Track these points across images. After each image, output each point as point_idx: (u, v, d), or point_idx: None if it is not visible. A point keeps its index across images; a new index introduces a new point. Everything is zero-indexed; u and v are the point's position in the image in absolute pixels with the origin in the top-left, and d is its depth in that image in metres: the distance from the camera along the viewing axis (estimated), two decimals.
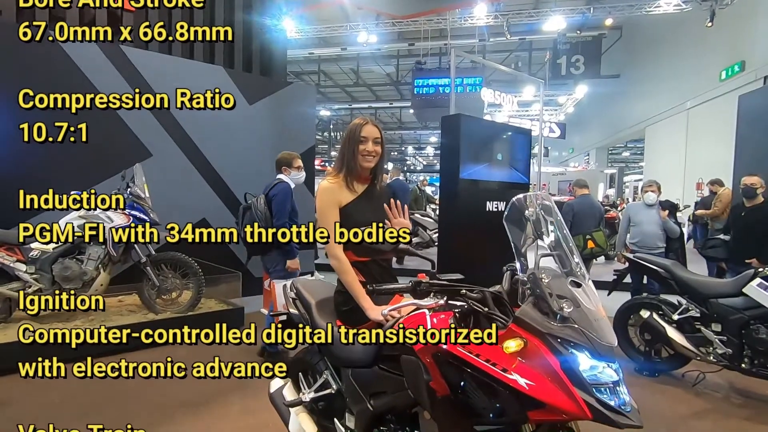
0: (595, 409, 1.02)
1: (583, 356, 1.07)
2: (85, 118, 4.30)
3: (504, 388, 1.09)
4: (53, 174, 4.07)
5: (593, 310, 1.13)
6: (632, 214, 4.56)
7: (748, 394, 3.14)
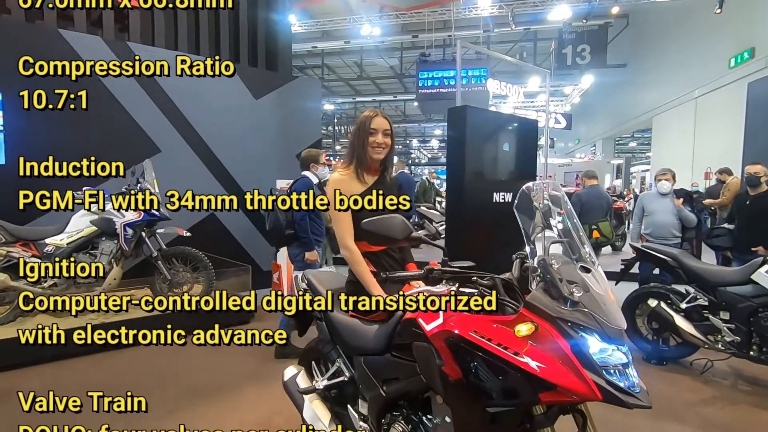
0: (606, 390, 1.05)
1: (593, 339, 1.10)
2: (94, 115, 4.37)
3: (515, 371, 1.12)
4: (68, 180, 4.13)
5: (603, 294, 1.15)
6: (645, 204, 4.46)
7: (756, 382, 3.15)
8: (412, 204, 7.67)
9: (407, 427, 1.55)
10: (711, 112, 12.72)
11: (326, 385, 1.97)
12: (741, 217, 4.15)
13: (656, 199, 4.40)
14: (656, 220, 4.32)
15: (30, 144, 4.07)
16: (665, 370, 3.33)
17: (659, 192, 4.37)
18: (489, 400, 1.16)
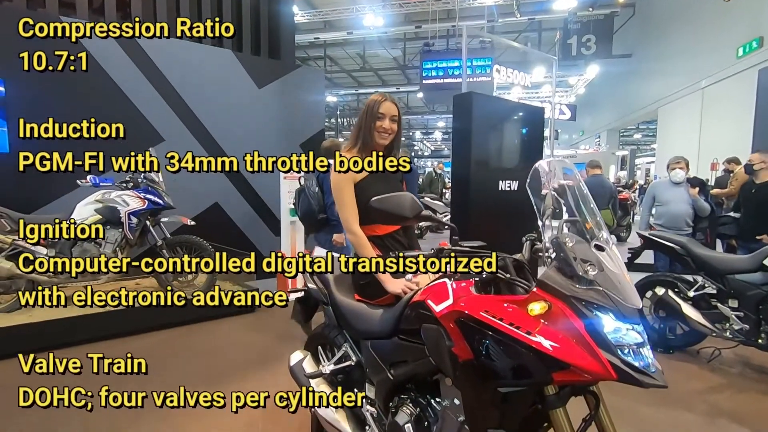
0: (620, 369, 1.03)
1: (607, 318, 1.08)
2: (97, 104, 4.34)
3: (528, 350, 1.10)
4: None
5: (617, 273, 1.13)
6: (657, 193, 4.34)
7: (764, 370, 3.14)
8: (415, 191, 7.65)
9: (415, 410, 1.53)
10: (718, 102, 12.56)
11: (333, 370, 1.95)
12: (746, 206, 4.12)
13: (669, 189, 4.27)
14: (670, 210, 4.20)
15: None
16: (672, 359, 3.32)
17: (672, 181, 4.25)
18: (500, 380, 1.15)
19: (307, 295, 2.25)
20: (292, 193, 4.98)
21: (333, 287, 2.00)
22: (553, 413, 1.14)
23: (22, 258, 3.53)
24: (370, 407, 1.78)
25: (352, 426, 1.87)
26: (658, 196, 4.34)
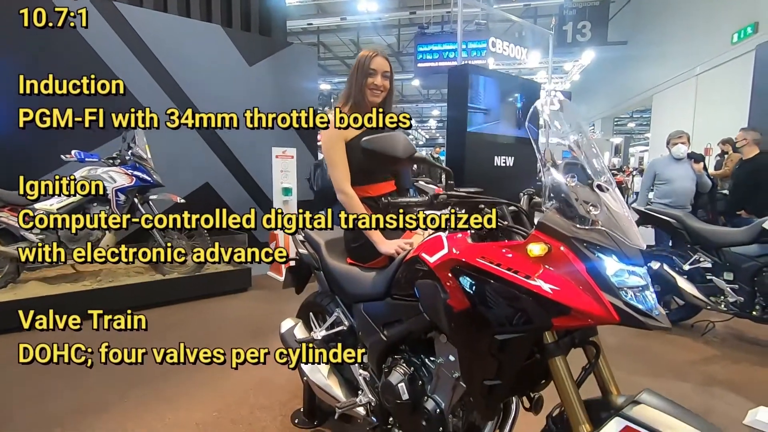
0: (623, 311, 0.98)
1: (610, 260, 1.03)
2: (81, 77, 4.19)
3: (527, 295, 1.05)
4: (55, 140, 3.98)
5: (620, 213, 1.08)
6: (659, 171, 4.11)
7: (758, 342, 3.14)
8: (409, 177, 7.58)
9: (409, 369, 1.49)
10: (712, 89, 12.55)
11: (324, 336, 1.91)
12: (732, 182, 4.18)
13: (671, 165, 4.07)
14: (677, 188, 4.01)
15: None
16: (666, 333, 3.31)
17: (674, 157, 4.05)
18: (498, 328, 1.10)
19: (298, 264, 2.20)
20: (285, 173, 4.92)
21: (324, 252, 1.95)
22: (552, 362, 1.09)
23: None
24: (363, 371, 1.74)
25: (344, 392, 1.83)
26: (660, 174, 4.13)
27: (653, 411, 1.00)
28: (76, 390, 2.38)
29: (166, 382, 2.49)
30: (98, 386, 2.43)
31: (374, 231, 1.76)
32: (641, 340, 3.16)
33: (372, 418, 1.67)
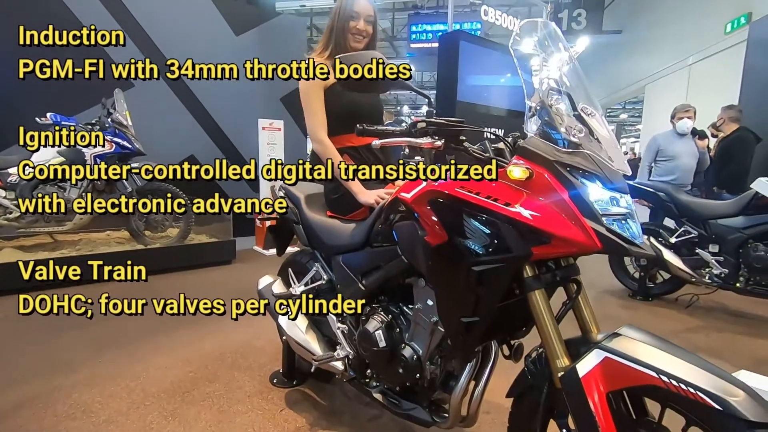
0: (605, 237, 0.94)
1: (594, 186, 0.98)
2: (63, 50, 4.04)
3: (506, 222, 1.00)
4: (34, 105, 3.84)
5: (606, 137, 1.03)
6: (663, 146, 3.88)
7: (741, 314, 3.16)
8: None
9: (387, 317, 1.45)
10: (704, 79, 12.56)
11: (303, 290, 1.86)
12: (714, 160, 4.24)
13: (676, 141, 3.86)
14: (682, 165, 3.82)
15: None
16: (651, 305, 3.32)
17: (678, 132, 3.86)
18: (475, 259, 1.05)
19: (279, 223, 2.13)
20: (272, 146, 4.82)
21: (304, 205, 1.88)
22: (531, 295, 1.05)
23: None
24: (341, 324, 1.69)
25: (322, 347, 1.78)
26: (664, 150, 3.91)
27: (633, 342, 0.97)
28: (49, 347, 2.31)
29: (141, 342, 2.43)
30: (75, 344, 2.36)
31: (354, 181, 1.70)
32: (626, 312, 3.16)
33: (350, 372, 1.63)
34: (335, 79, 1.70)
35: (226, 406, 1.87)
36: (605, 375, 0.95)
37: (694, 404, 0.85)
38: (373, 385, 1.56)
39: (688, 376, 0.87)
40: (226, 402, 1.90)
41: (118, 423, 1.73)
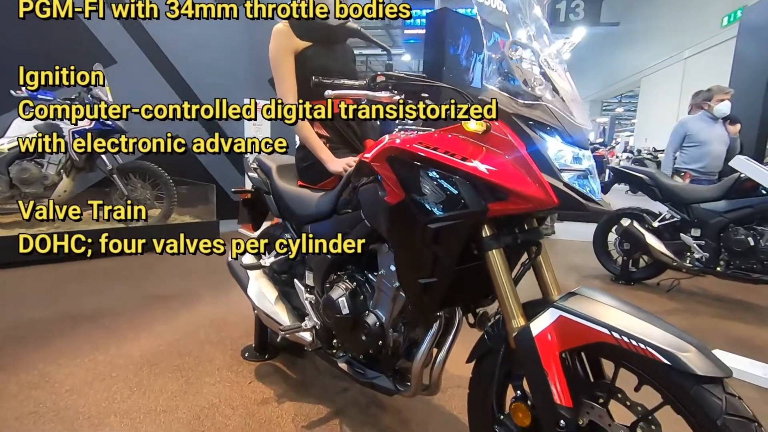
0: (562, 192, 0.91)
1: (553, 140, 0.95)
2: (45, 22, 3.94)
3: (463, 177, 0.97)
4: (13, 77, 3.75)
5: (568, 90, 1.00)
6: (693, 132, 3.58)
7: (720, 298, 3.16)
8: None
9: (351, 285, 1.42)
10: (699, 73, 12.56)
11: (273, 262, 1.83)
12: None
13: (708, 126, 3.59)
14: (712, 151, 3.55)
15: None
16: (632, 289, 3.32)
17: (716, 115, 3.55)
18: (432, 216, 1.02)
19: (254, 196, 2.09)
20: (257, 126, 4.74)
21: (275, 175, 1.85)
22: (488, 255, 1.02)
23: None
24: (309, 295, 1.66)
25: (291, 318, 1.76)
26: (694, 135, 3.59)
27: (588, 300, 0.95)
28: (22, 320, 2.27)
29: (116, 317, 2.40)
30: (49, 319, 2.32)
31: (322, 148, 1.67)
32: None
33: (318, 342, 1.61)
34: (304, 43, 1.67)
35: (194, 378, 1.84)
36: (559, 334, 0.93)
37: (645, 360, 0.83)
38: (340, 355, 1.54)
39: (640, 332, 0.85)
40: (194, 374, 1.87)
41: (81, 393, 1.69)
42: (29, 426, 1.48)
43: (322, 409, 1.68)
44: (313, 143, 1.67)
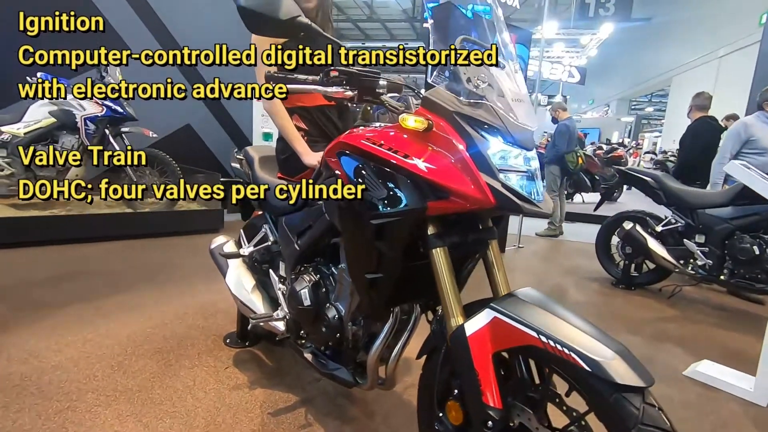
0: (499, 193, 0.90)
1: (495, 140, 0.94)
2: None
3: (403, 174, 0.97)
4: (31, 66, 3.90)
5: (514, 90, 0.98)
6: (756, 135, 3.18)
7: (723, 308, 3.05)
8: None
9: (315, 277, 1.44)
10: (734, 71, 12.01)
11: (252, 251, 1.87)
12: None
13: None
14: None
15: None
16: (632, 294, 3.23)
17: None
18: (374, 212, 1.02)
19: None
20: (266, 117, 4.79)
21: (257, 166, 1.88)
22: (432, 253, 1.02)
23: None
24: (282, 285, 1.69)
25: (266, 307, 1.79)
26: (757, 140, 3.18)
27: (524, 303, 0.93)
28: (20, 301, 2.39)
29: (110, 299, 2.49)
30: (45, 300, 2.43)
31: (299, 140, 1.68)
32: (601, 298, 3.09)
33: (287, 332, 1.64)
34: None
35: (174, 361, 1.90)
36: (492, 335, 0.92)
37: (569, 365, 0.82)
38: (307, 346, 1.56)
39: (566, 337, 0.83)
40: (174, 357, 1.93)
41: (65, 369, 1.78)
42: (11, 398, 1.56)
43: (292, 397, 1.71)
44: (289, 134, 1.68)
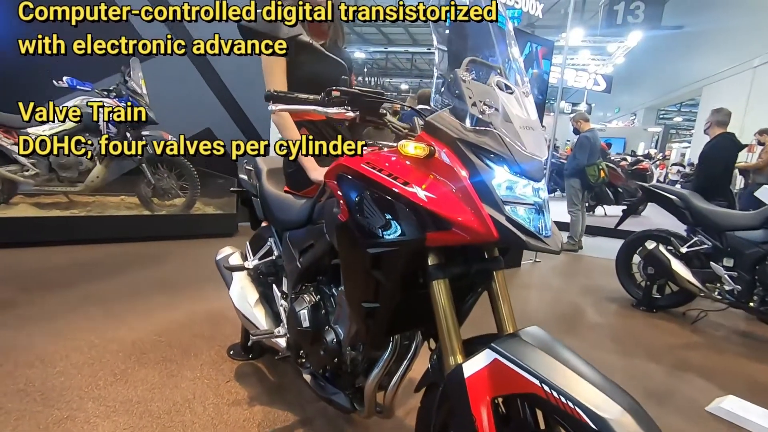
0: (503, 227, 0.84)
1: (500, 170, 0.88)
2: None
3: (402, 203, 0.92)
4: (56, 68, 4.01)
5: (523, 117, 0.92)
6: None
7: (750, 335, 2.88)
8: None
9: (315, 297, 1.40)
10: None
11: (256, 265, 1.84)
12: None
13: None
14: None
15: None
16: (653, 317, 3.08)
17: None
18: (370, 240, 0.97)
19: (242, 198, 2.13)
20: None
21: (264, 178, 1.86)
22: (432, 285, 0.96)
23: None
24: (284, 302, 1.66)
25: (269, 322, 1.77)
26: None
27: (528, 345, 0.87)
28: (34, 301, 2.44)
29: (119, 303, 2.51)
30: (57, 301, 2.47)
31: (307, 157, 1.65)
32: (620, 320, 2.96)
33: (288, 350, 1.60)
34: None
35: (176, 371, 1.89)
36: (492, 378, 0.86)
37: (573, 420, 0.75)
38: (307, 366, 1.53)
39: (570, 388, 0.77)
40: (177, 367, 1.92)
41: (69, 375, 1.78)
42: (14, 404, 1.57)
43: (290, 416, 1.67)
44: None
